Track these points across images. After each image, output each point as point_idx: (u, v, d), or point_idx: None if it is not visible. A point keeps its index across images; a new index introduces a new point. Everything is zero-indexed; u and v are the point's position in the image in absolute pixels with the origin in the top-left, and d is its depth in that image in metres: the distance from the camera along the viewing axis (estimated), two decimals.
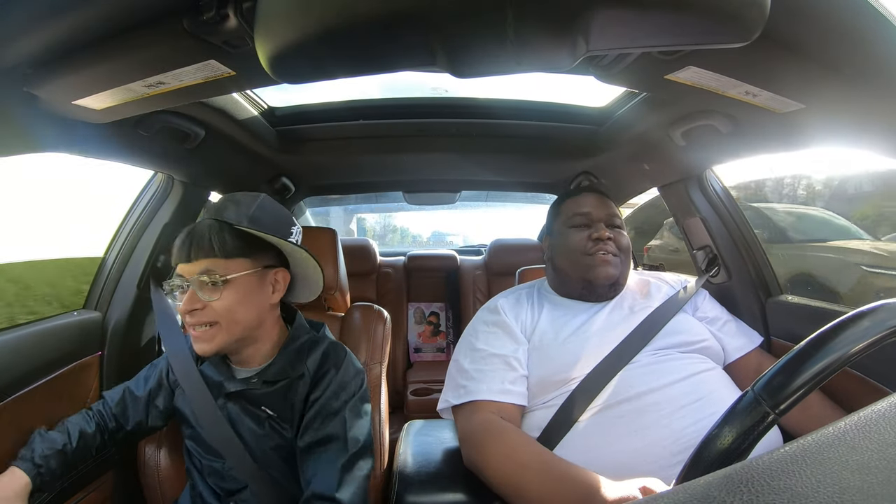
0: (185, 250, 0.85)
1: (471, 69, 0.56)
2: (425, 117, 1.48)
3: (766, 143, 1.11)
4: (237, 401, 0.92)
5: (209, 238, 0.84)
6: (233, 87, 0.87)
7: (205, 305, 0.83)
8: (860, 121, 0.83)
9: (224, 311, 0.84)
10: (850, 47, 0.67)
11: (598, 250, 1.08)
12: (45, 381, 1.00)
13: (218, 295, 0.84)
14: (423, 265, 2.70)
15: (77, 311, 1.21)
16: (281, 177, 1.83)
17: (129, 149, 1.11)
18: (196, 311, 0.83)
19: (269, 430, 0.91)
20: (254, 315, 0.89)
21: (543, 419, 0.93)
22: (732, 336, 1.11)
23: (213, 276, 0.83)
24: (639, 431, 0.84)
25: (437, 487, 0.90)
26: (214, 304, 0.83)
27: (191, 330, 0.86)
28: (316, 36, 0.51)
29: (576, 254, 1.10)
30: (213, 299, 0.83)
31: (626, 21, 0.52)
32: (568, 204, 1.19)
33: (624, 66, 0.80)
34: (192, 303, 0.83)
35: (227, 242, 0.85)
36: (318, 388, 0.90)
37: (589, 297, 1.10)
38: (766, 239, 2.84)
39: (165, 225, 1.32)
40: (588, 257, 1.08)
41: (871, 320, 0.48)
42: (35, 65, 0.73)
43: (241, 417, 0.91)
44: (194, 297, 0.83)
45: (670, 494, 0.30)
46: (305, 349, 0.94)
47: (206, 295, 0.83)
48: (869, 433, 0.32)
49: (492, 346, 1.02)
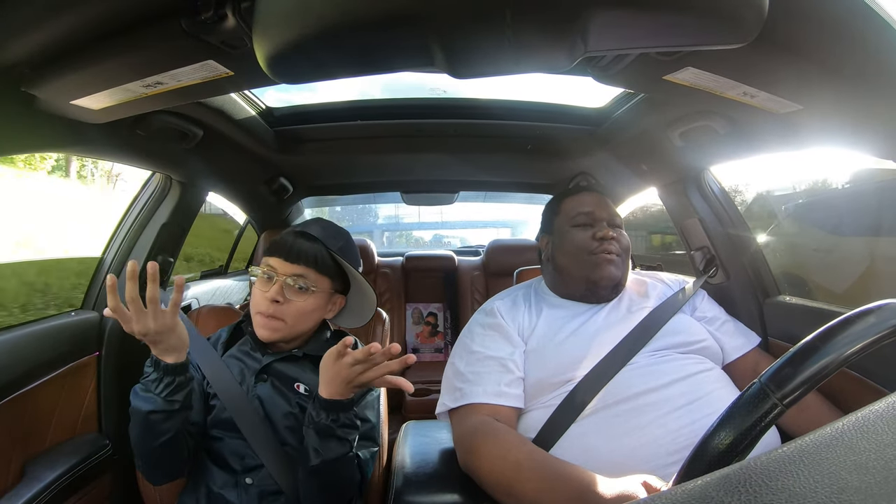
0: (291, 252, 0.97)
1: (469, 69, 0.56)
2: (423, 118, 1.48)
3: (764, 144, 1.12)
4: (270, 379, 0.98)
5: (314, 252, 0.98)
6: (231, 88, 0.88)
7: (285, 302, 0.95)
8: (857, 122, 0.83)
9: (298, 314, 0.97)
10: (847, 49, 0.68)
11: (603, 250, 1.07)
12: (42, 382, 1.00)
13: (302, 299, 0.97)
14: (421, 266, 2.70)
15: (74, 312, 1.21)
16: (279, 177, 1.83)
17: (127, 149, 1.11)
18: (277, 303, 0.94)
19: (297, 408, 0.96)
20: (312, 324, 1.03)
21: (540, 420, 0.92)
22: (731, 336, 1.11)
23: (305, 283, 0.96)
24: (636, 431, 0.84)
25: (435, 488, 0.90)
26: (294, 304, 0.96)
27: (260, 316, 0.96)
28: (314, 36, 0.51)
29: (580, 253, 1.09)
30: (297, 300, 0.96)
31: (624, 22, 0.52)
32: (569, 202, 1.18)
33: (622, 66, 0.80)
34: (278, 294, 0.94)
35: (325, 261, 0.99)
36: None
37: (591, 297, 1.09)
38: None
39: (163, 225, 1.32)
40: (593, 256, 1.07)
41: (878, 317, 0.48)
42: (33, 65, 0.73)
43: (272, 396, 0.97)
44: (281, 291, 0.95)
45: (668, 494, 0.30)
46: (333, 339, 1.07)
47: (292, 295, 0.96)
48: (867, 433, 0.32)
49: (488, 348, 1.01)
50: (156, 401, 0.80)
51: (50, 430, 1.00)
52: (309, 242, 0.98)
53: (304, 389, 0.98)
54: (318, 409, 0.82)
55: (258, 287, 0.97)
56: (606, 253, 1.07)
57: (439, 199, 2.39)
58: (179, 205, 1.35)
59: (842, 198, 2.69)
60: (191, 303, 1.83)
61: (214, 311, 1.30)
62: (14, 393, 0.93)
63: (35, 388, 0.97)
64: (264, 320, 0.96)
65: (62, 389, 1.06)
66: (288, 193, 1.93)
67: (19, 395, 0.94)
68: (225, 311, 1.33)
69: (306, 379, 0.99)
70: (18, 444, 0.91)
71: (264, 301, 0.95)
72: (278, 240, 0.99)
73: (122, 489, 1.15)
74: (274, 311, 0.95)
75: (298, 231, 1.01)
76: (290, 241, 0.98)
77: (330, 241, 1.01)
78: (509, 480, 0.79)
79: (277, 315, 0.95)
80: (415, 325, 2.62)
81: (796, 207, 3.03)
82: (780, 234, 2.90)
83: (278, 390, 0.97)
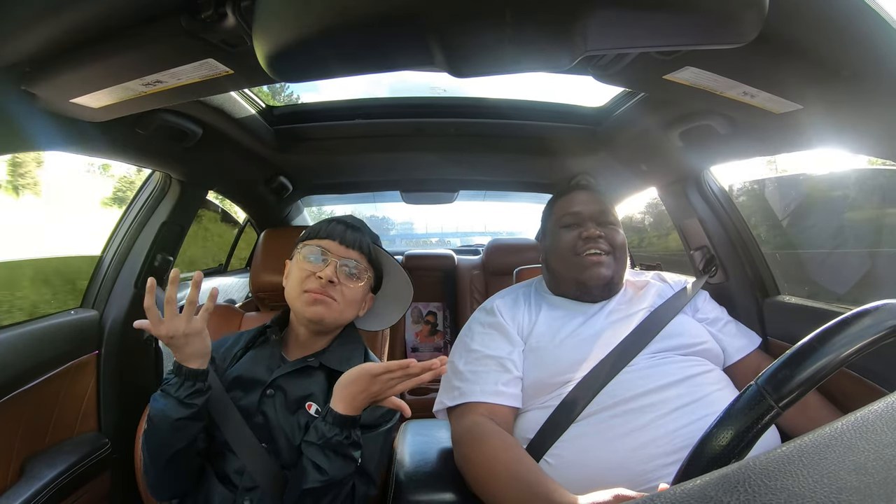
0: (349, 236, 0.99)
1: (469, 68, 0.56)
2: (423, 117, 1.48)
3: (763, 144, 1.11)
4: (277, 394, 0.93)
5: (367, 242, 1.01)
6: (231, 86, 0.87)
7: (339, 285, 0.96)
8: (857, 122, 0.83)
9: (350, 298, 0.98)
10: (847, 48, 0.68)
11: (588, 249, 1.07)
12: (42, 380, 1.00)
13: (353, 284, 0.99)
14: (421, 265, 2.69)
15: (74, 310, 1.20)
16: (279, 176, 1.82)
17: (127, 147, 1.11)
18: (332, 283, 0.95)
19: (305, 430, 0.89)
20: (352, 315, 1.02)
21: (538, 421, 0.92)
22: (733, 337, 1.10)
23: (357, 269, 0.99)
24: (634, 432, 0.84)
25: (435, 486, 0.90)
26: (346, 288, 0.97)
27: (309, 294, 0.95)
28: (314, 34, 0.50)
29: (567, 254, 1.09)
30: (349, 285, 0.98)
31: (624, 21, 0.52)
32: (559, 204, 1.18)
33: (622, 66, 0.80)
34: (335, 274, 0.96)
35: (374, 254, 1.03)
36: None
37: (584, 297, 1.09)
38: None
39: (163, 224, 1.32)
40: (578, 258, 1.07)
41: (874, 318, 0.48)
42: (33, 63, 0.73)
43: (278, 412, 0.91)
44: (336, 273, 0.96)
45: (668, 494, 0.30)
46: (359, 355, 1.02)
47: (345, 280, 0.98)
48: (866, 433, 0.32)
49: (487, 347, 1.01)
50: (174, 405, 0.80)
51: (50, 428, 1.00)
52: (358, 233, 1.00)
53: (316, 411, 0.91)
54: (331, 424, 0.79)
55: (306, 267, 0.96)
56: (592, 253, 1.06)
57: (439, 199, 2.38)
58: (179, 203, 1.35)
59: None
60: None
61: (214, 310, 1.30)
62: (14, 391, 0.93)
63: (35, 387, 0.97)
64: (316, 296, 0.94)
65: (62, 388, 1.06)
66: (287, 192, 1.93)
67: (19, 393, 0.94)
68: (225, 310, 1.33)
69: (318, 396, 0.93)
70: (18, 442, 0.91)
71: (316, 281, 0.94)
72: (327, 224, 1.01)
73: (121, 488, 1.15)
74: (327, 292, 0.94)
75: (342, 220, 1.02)
76: (342, 228, 0.99)
77: (371, 235, 1.04)
78: (491, 490, 0.80)
79: (330, 295, 0.95)
80: (414, 324, 2.62)
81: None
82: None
83: (287, 409, 0.92)
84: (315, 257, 0.97)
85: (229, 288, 2.38)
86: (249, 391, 0.94)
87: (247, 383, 0.95)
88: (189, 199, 1.38)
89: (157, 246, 1.31)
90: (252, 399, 0.92)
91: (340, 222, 1.02)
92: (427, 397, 2.13)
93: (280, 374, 0.94)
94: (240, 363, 0.98)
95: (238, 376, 0.96)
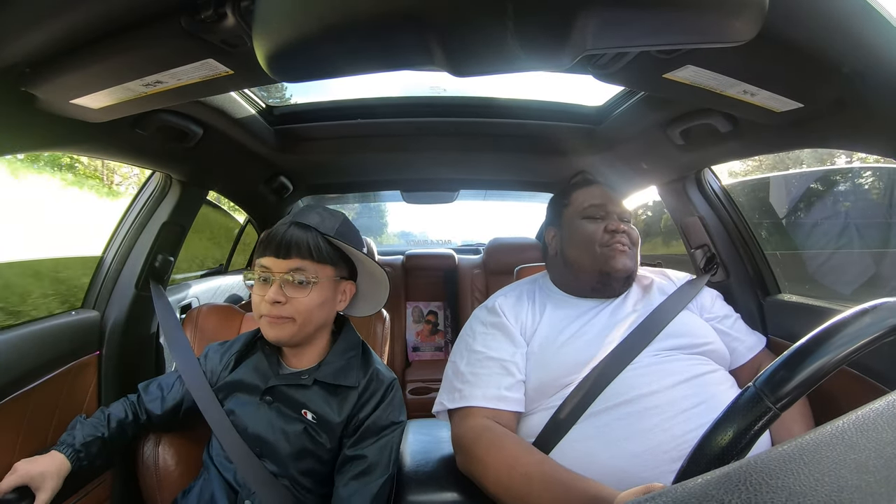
0: (281, 247, 0.91)
1: (469, 68, 0.56)
2: (423, 116, 1.48)
3: (764, 143, 1.11)
4: (275, 402, 0.93)
5: (307, 241, 0.92)
6: (231, 86, 0.87)
7: (287, 300, 0.90)
8: (857, 120, 0.83)
9: (304, 310, 0.91)
10: (847, 46, 0.68)
11: (616, 242, 1.06)
12: (43, 381, 1.00)
13: (304, 294, 0.91)
14: (421, 264, 2.70)
15: (75, 311, 1.20)
16: (279, 176, 1.82)
17: (127, 148, 1.11)
18: (279, 304, 0.90)
19: (302, 435, 0.91)
20: (323, 318, 0.97)
21: (540, 423, 0.91)
22: (744, 334, 1.10)
23: (304, 276, 0.91)
24: (638, 435, 0.82)
25: (436, 486, 0.90)
26: (297, 301, 0.91)
27: (264, 318, 0.92)
28: (314, 34, 0.50)
29: (592, 245, 1.07)
30: (298, 297, 0.91)
31: (624, 20, 0.51)
32: (579, 194, 1.16)
33: (622, 65, 0.80)
34: (278, 295, 0.90)
35: (322, 249, 0.93)
36: (366, 407, 0.94)
37: (603, 291, 1.08)
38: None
39: (163, 224, 1.32)
40: (606, 248, 1.06)
41: (873, 318, 0.48)
42: (33, 64, 0.73)
43: (276, 420, 0.92)
44: (280, 290, 0.90)
45: (669, 493, 0.30)
46: (356, 363, 0.99)
47: (292, 292, 0.91)
48: (867, 432, 0.32)
49: (489, 348, 0.99)
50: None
51: (51, 429, 1.00)
52: (301, 231, 0.92)
53: (312, 417, 0.92)
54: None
55: (256, 291, 0.93)
56: (620, 245, 1.06)
57: (439, 198, 2.38)
58: (179, 204, 1.35)
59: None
60: (191, 301, 1.83)
61: (215, 309, 1.30)
62: (15, 392, 0.93)
63: (36, 388, 0.97)
64: (270, 320, 0.91)
65: (63, 389, 1.06)
66: (288, 192, 1.93)
67: (20, 394, 0.93)
68: (225, 310, 1.33)
69: (315, 406, 0.93)
70: (19, 444, 0.91)
71: (265, 304, 0.90)
72: (268, 236, 0.94)
73: (122, 489, 1.15)
74: (277, 313, 0.90)
75: (289, 221, 0.95)
76: (281, 234, 0.92)
77: (324, 225, 0.96)
78: (521, 494, 0.77)
79: (283, 316, 0.90)
80: (415, 324, 2.62)
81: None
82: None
83: (284, 416, 0.92)
84: (260, 279, 0.93)
85: (231, 287, 2.37)
86: (246, 398, 0.95)
87: (243, 390, 0.96)
88: (189, 200, 1.38)
89: (157, 246, 1.31)
90: (248, 406, 0.94)
91: (280, 226, 0.94)
92: (427, 397, 2.13)
93: (275, 384, 0.95)
94: (237, 370, 0.99)
95: (234, 382, 0.97)
